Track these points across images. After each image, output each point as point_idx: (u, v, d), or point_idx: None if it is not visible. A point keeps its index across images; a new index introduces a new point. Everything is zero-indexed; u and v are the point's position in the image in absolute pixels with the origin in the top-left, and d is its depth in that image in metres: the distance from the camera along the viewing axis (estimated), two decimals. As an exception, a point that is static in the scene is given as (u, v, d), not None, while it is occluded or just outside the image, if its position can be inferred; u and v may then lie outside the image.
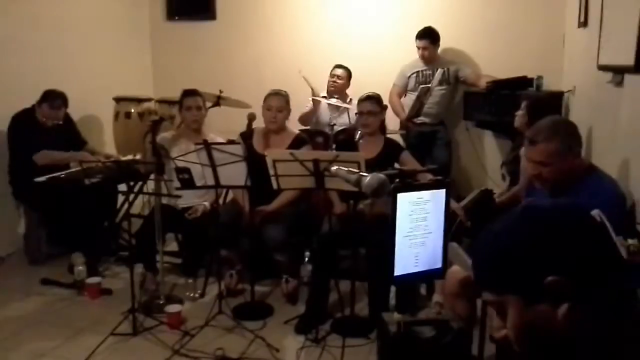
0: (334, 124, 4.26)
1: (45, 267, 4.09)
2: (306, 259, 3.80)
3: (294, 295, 3.56)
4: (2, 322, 3.34)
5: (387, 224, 2.13)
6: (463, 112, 4.79)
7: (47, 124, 4.04)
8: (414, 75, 4.80)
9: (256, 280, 3.51)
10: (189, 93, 3.89)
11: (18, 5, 4.34)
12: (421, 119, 4.73)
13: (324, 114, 4.73)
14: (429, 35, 4.68)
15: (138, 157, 3.98)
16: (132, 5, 5.62)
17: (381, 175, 2.05)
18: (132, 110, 4.87)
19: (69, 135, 4.27)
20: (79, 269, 3.78)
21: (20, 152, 4.00)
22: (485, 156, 5.12)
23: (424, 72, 4.77)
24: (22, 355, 2.96)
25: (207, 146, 3.12)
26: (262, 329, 3.22)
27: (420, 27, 4.72)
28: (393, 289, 2.84)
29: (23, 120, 4.02)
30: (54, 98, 4.02)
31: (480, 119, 4.76)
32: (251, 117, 3.91)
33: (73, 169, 3.79)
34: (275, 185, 3.10)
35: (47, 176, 3.63)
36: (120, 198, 4.03)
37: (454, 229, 2.65)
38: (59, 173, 3.70)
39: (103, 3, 5.23)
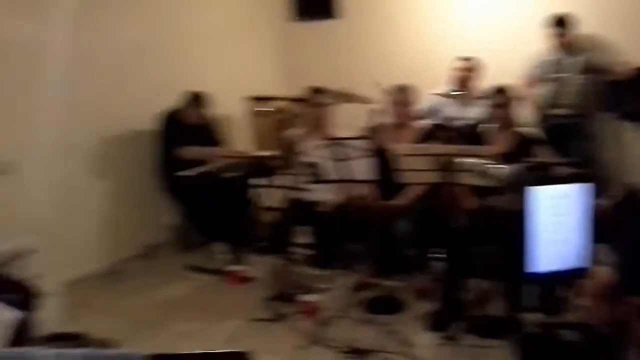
0: (462, 118, 4.18)
1: (193, 254, 4.45)
2: (437, 255, 3.78)
3: (425, 292, 3.56)
4: (153, 304, 3.70)
5: (521, 219, 2.08)
6: (605, 103, 4.47)
7: (191, 122, 4.39)
8: (548, 64, 4.57)
9: (386, 275, 3.55)
10: (314, 91, 4.03)
11: (164, 16, 4.75)
12: (558, 111, 4.49)
13: (451, 107, 4.65)
14: (563, 22, 4.43)
15: (271, 153, 4.20)
16: (263, 7, 5.90)
17: (516, 167, 2.00)
18: (265, 109, 5.14)
19: (210, 133, 4.61)
20: (222, 257, 4.09)
21: (167, 148, 4.38)
22: (631, 151, 4.73)
23: (559, 61, 4.53)
24: (171, 335, 3.24)
25: (335, 141, 3.22)
26: (395, 323, 3.25)
27: (552, 13, 4.48)
28: (531, 288, 2.73)
29: (171, 119, 4.40)
30: (197, 99, 4.36)
31: (625, 111, 4.41)
32: (377, 112, 3.96)
33: (214, 164, 4.12)
34: (403, 180, 3.12)
35: (191, 170, 3.98)
36: (256, 191, 4.29)
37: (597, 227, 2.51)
38: (201, 167, 4.04)
39: (236, 9, 5.55)
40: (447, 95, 4.55)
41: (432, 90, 4.63)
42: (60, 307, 2.99)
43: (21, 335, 1.27)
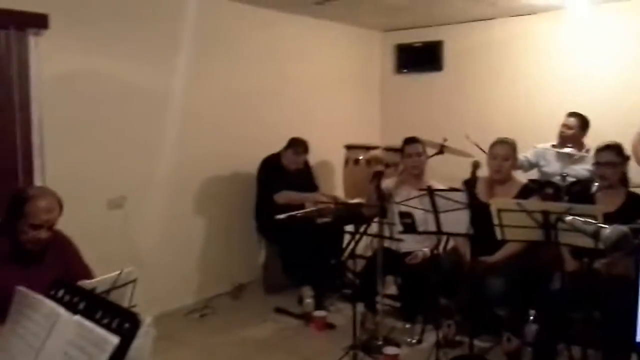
0: (566, 175, 4.01)
1: (279, 296, 4.51)
2: (531, 317, 3.58)
3: (516, 355, 3.37)
4: (238, 342, 3.76)
5: (628, 286, 1.93)
6: None
7: (290, 167, 4.52)
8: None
9: (475, 333, 3.41)
10: (409, 141, 4.04)
11: (273, 63, 4.99)
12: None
13: (554, 164, 4.47)
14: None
15: (365, 201, 4.23)
16: (365, 61, 6.05)
17: (623, 228, 1.87)
18: (361, 157, 5.19)
19: (306, 179, 4.72)
20: (307, 301, 4.12)
21: (264, 191, 4.52)
22: None
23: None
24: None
25: (431, 192, 3.18)
26: (481, 384, 3.11)
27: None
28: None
29: (270, 163, 4.55)
30: (298, 145, 4.50)
31: None
32: (476, 165, 3.88)
33: (308, 209, 4.19)
34: (499, 236, 3.01)
35: (286, 214, 4.07)
36: (347, 238, 4.30)
37: None
38: (296, 212, 4.12)
39: (340, 60, 5.72)
40: (552, 151, 4.39)
41: (537, 144, 4.50)
42: (149, 338, 3.11)
43: (117, 360, 1.33)
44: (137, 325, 1.33)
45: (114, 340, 1.31)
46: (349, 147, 5.32)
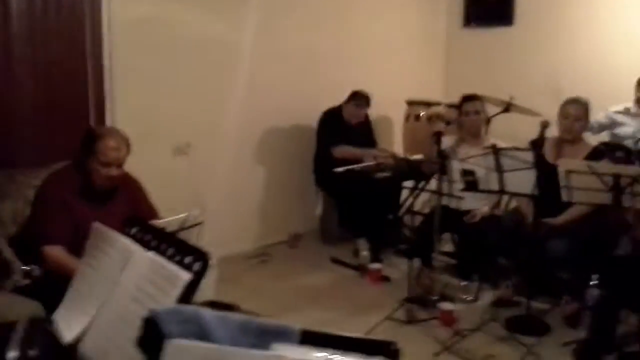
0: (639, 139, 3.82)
1: (335, 247, 4.58)
2: (594, 282, 3.49)
3: (574, 319, 3.32)
4: (295, 289, 3.87)
5: None
6: None
7: (350, 121, 4.50)
8: None
9: (533, 295, 3.37)
10: (467, 98, 3.94)
11: (338, 17, 4.93)
12: None
13: (628, 127, 4.26)
14: None
15: (425, 157, 4.18)
16: (432, 14, 5.86)
17: None
18: (422, 113, 5.10)
19: (366, 134, 4.70)
20: (363, 254, 4.17)
21: (323, 144, 4.53)
22: None
23: None
24: (308, 320, 3.36)
25: (496, 151, 3.11)
26: (536, 346, 3.08)
27: None
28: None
29: (330, 117, 4.55)
30: (360, 97, 4.46)
31: None
32: (544, 125, 3.73)
33: (367, 163, 4.19)
34: (565, 198, 2.93)
35: (344, 168, 4.09)
36: (405, 194, 4.30)
37: None
38: (354, 166, 4.13)
39: (406, 14, 5.57)
40: (626, 114, 4.18)
41: (611, 106, 4.28)
42: (214, 279, 3.23)
43: (185, 298, 1.38)
44: (207, 264, 1.38)
45: (186, 276, 1.36)
46: (411, 103, 5.23)
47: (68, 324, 1.59)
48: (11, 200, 2.89)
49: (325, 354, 1.08)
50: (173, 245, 1.49)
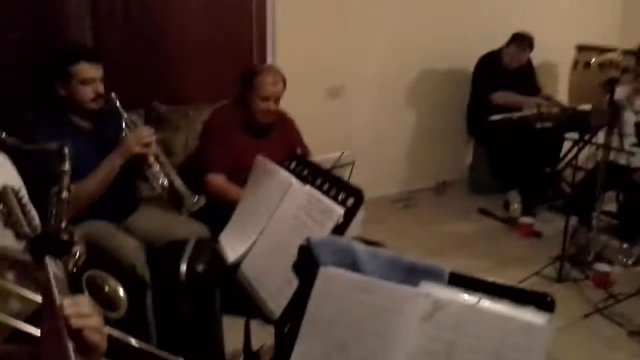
0: None
1: (483, 197, 4.44)
2: None
3: None
4: (440, 235, 3.84)
5: None
6: None
7: (510, 65, 4.25)
8: None
9: None
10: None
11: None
12: None
13: None
14: None
15: (592, 107, 3.83)
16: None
17: None
18: (593, 60, 4.64)
19: (527, 79, 4.41)
20: (514, 207, 4.01)
21: (480, 90, 4.33)
22: None
23: None
24: (452, 266, 3.32)
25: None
26: None
27: None
28: None
29: (488, 61, 4.32)
30: (522, 39, 4.19)
31: None
32: None
33: (527, 112, 3.95)
34: None
35: (501, 116, 3.90)
36: (566, 146, 4.02)
37: None
38: (513, 114, 3.92)
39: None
40: None
41: None
42: (360, 218, 3.32)
43: (338, 231, 1.45)
44: (361, 201, 1.43)
45: (340, 210, 1.43)
46: (581, 48, 4.78)
47: (231, 246, 1.75)
48: (183, 133, 3.19)
49: (475, 297, 1.09)
50: (329, 181, 1.55)
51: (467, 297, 1.08)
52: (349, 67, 4.08)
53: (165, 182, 2.28)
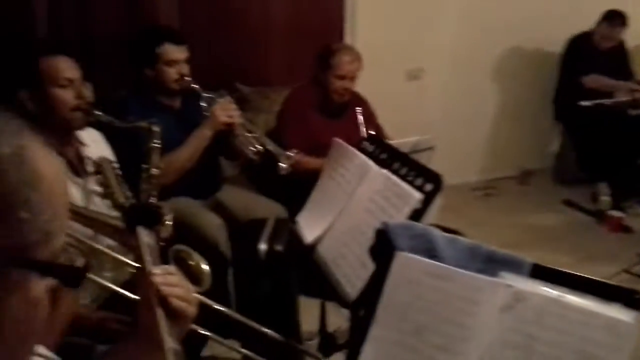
0: None
1: (570, 188, 4.25)
2: None
3: None
4: (521, 226, 3.71)
5: None
6: None
7: (602, 46, 4.01)
8: None
9: None
10: None
11: None
12: None
13: None
14: None
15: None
16: None
17: None
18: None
19: (620, 63, 4.14)
20: (603, 199, 3.81)
21: (570, 73, 4.12)
22: None
23: None
24: (537, 261, 3.23)
25: None
26: None
27: None
28: None
29: (579, 43, 4.10)
30: (614, 16, 3.93)
31: None
32: None
33: (619, 98, 3.73)
34: None
35: (593, 101, 3.70)
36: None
37: None
38: (604, 100, 3.71)
39: None
40: None
41: None
42: (437, 205, 3.27)
43: (415, 216, 1.43)
44: (439, 187, 1.41)
45: (418, 196, 1.41)
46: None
47: (309, 227, 1.77)
48: (263, 114, 3.25)
49: (558, 291, 1.05)
50: (407, 165, 1.54)
51: (549, 291, 1.04)
52: (429, 48, 4.00)
53: (258, 146, 2.31)
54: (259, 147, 2.30)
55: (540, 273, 1.11)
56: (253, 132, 2.36)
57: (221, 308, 1.52)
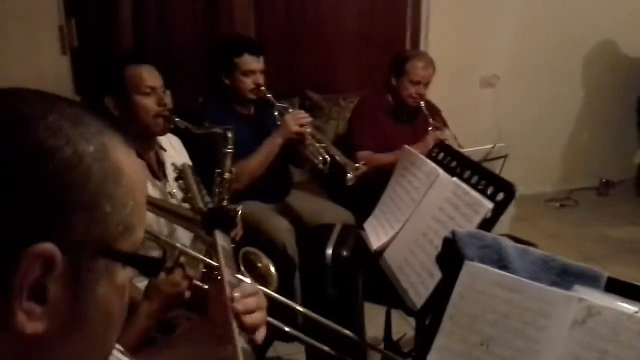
0: None
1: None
2: None
3: None
4: (598, 239, 3.55)
5: None
6: None
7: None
8: None
9: None
10: None
11: None
12: None
13: None
14: None
15: None
16: None
17: None
18: None
19: None
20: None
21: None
22: None
23: None
24: (614, 275, 3.07)
25: None
26: None
27: None
28: None
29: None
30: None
31: None
32: None
33: None
34: None
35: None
36: None
37: None
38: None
39: None
40: None
41: None
42: (510, 215, 3.18)
43: (485, 226, 1.41)
44: (511, 196, 1.38)
45: (488, 205, 1.39)
46: None
47: (376, 234, 1.78)
48: (334, 121, 3.30)
49: (634, 307, 1.00)
50: (478, 173, 1.52)
51: (625, 306, 1.00)
52: (504, 54, 3.89)
53: (326, 156, 2.33)
54: (327, 156, 2.33)
55: (616, 287, 1.07)
56: (322, 142, 2.39)
57: (297, 306, 1.55)
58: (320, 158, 2.34)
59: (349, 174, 2.28)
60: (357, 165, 2.31)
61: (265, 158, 2.35)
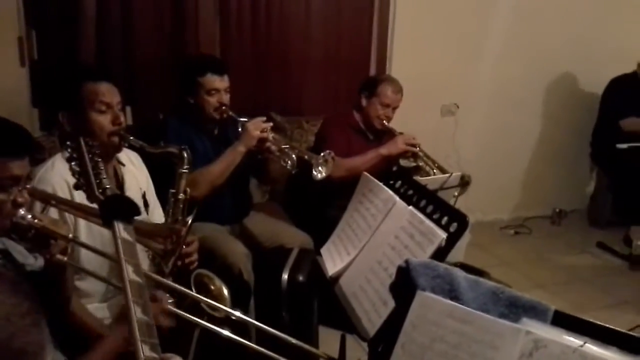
0: None
1: (603, 231, 4.15)
2: None
3: None
4: (553, 267, 3.64)
5: None
6: None
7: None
8: None
9: None
10: None
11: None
12: None
13: None
14: None
15: None
16: None
17: None
18: None
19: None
20: (638, 243, 3.70)
21: (609, 114, 4.05)
22: None
23: None
24: (560, 303, 3.09)
25: None
26: None
27: None
28: None
29: (620, 84, 4.03)
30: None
31: None
32: None
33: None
34: None
35: (629, 144, 3.64)
36: None
37: None
38: (641, 143, 3.64)
39: None
40: None
41: None
42: (465, 242, 3.23)
43: (438, 255, 1.42)
44: (465, 227, 1.40)
45: (442, 234, 1.40)
46: None
47: (332, 259, 1.77)
48: (296, 143, 3.29)
49: (580, 340, 1.02)
50: (433, 203, 1.54)
51: (571, 339, 1.02)
52: (464, 85, 3.98)
53: (293, 156, 2.31)
54: (293, 156, 2.31)
55: (563, 321, 1.09)
56: (285, 145, 2.37)
57: (248, 319, 1.52)
58: (288, 160, 2.32)
59: (315, 172, 2.27)
60: (322, 154, 2.30)
61: (227, 166, 2.29)
